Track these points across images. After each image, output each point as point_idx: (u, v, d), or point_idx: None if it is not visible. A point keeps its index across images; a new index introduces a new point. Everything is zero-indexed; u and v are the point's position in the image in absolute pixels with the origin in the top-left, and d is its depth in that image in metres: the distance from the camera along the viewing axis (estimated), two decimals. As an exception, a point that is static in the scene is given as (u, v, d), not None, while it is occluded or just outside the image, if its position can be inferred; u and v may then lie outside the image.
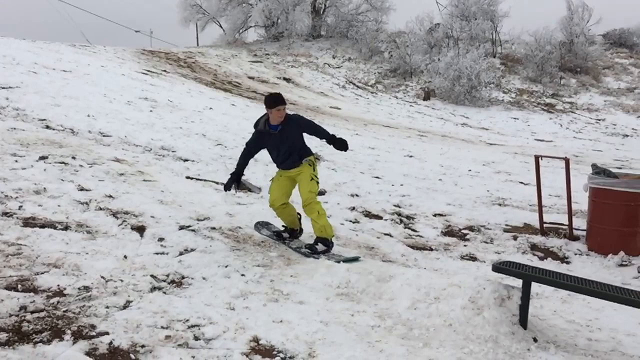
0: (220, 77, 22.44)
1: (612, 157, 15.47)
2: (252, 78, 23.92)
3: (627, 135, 21.50)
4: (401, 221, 6.60)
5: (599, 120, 23.60)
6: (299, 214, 5.23)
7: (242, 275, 4.12)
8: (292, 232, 5.21)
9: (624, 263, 5.63)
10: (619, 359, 3.48)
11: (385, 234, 6.07)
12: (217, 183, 6.81)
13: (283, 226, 5.22)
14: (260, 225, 5.36)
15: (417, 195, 8.04)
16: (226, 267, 4.20)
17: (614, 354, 3.55)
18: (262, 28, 33.20)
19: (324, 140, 4.99)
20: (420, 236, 6.21)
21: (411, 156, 11.90)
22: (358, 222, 6.37)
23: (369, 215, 6.70)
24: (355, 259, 4.79)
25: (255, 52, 29.50)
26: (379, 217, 6.65)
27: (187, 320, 3.30)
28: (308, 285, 4.13)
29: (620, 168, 12.49)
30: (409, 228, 6.42)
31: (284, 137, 4.89)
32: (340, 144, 4.97)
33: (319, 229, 4.88)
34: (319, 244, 4.87)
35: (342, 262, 4.57)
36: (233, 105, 15.72)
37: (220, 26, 34.61)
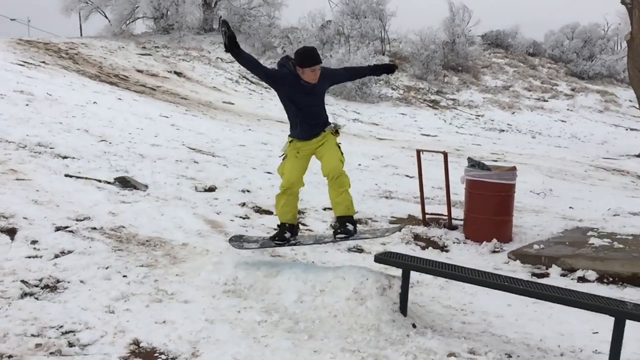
0: (106, 70, 21.39)
1: (490, 150, 16.54)
2: (140, 71, 23.02)
3: (503, 130, 23.09)
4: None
5: (479, 116, 25.15)
6: None
7: (124, 276, 3.97)
8: (293, 230, 4.52)
9: (496, 250, 6.07)
10: (489, 339, 3.74)
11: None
12: (100, 181, 6.50)
13: (278, 226, 4.53)
14: (238, 242, 4.61)
15: (309, 190, 8.07)
16: (107, 268, 4.03)
17: (484, 335, 3.81)
18: (150, 20, 31.99)
19: (370, 75, 4.50)
20: (310, 230, 6.30)
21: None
22: (248, 217, 6.35)
23: (259, 210, 6.69)
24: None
25: (143, 44, 28.39)
26: (269, 213, 6.66)
27: (61, 327, 3.13)
28: (194, 284, 4.06)
29: (496, 161, 13.39)
30: (300, 223, 6.46)
31: (313, 93, 4.22)
32: (389, 68, 4.51)
33: (347, 206, 4.27)
34: (347, 224, 4.25)
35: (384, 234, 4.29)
36: (119, 99, 15.04)
37: (106, 16, 32.91)
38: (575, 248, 5.69)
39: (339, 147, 4.38)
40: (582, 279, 5.12)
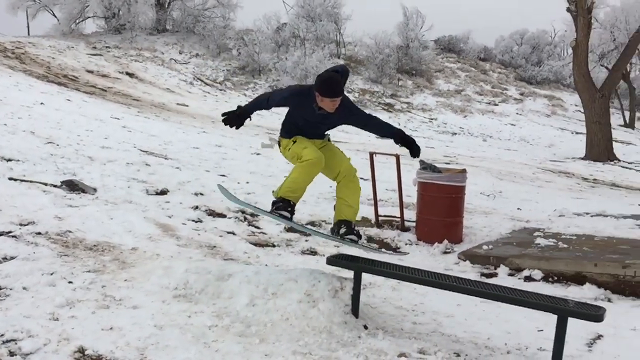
0: (54, 70, 20.80)
1: (443, 153, 16.86)
2: (90, 72, 22.48)
3: (455, 133, 23.58)
4: (245, 219, 6.62)
5: (432, 119, 25.61)
6: None
7: (70, 282, 3.85)
8: (293, 210, 4.21)
9: (447, 250, 6.18)
10: (439, 338, 3.80)
11: (229, 232, 6.05)
12: (46, 184, 6.30)
13: (279, 201, 4.13)
14: (226, 191, 4.34)
15: (263, 193, 8.09)
16: (51, 274, 3.90)
17: (434, 335, 3.87)
18: (101, 19, 31.26)
19: (388, 137, 4.12)
20: (264, 233, 6.28)
21: (258, 154, 11.95)
22: (201, 221, 6.27)
23: (212, 213, 6.62)
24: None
25: (94, 44, 27.74)
26: (222, 216, 6.60)
27: (2, 335, 3.01)
28: (144, 289, 3.98)
29: (448, 163, 13.65)
30: (253, 225, 6.46)
31: (322, 120, 4.09)
32: (415, 149, 4.17)
33: (356, 211, 4.19)
34: (354, 228, 4.16)
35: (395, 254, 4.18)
36: (68, 100, 14.64)
37: (54, 15, 32.01)
38: (522, 248, 5.84)
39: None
40: (528, 278, 5.26)
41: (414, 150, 4.20)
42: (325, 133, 4.33)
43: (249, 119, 4.26)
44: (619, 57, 21.61)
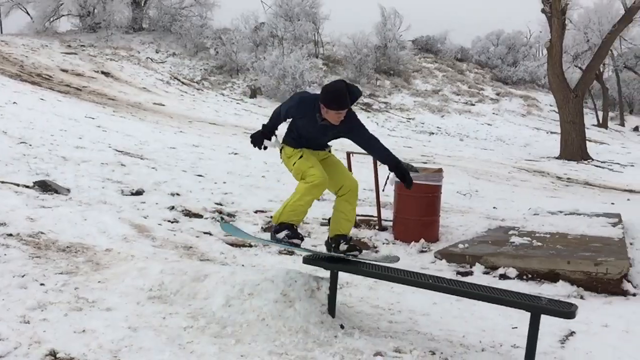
0: (28, 69, 20.44)
1: (420, 152, 16.96)
2: (65, 71, 22.13)
3: (432, 133, 23.73)
4: (222, 219, 6.58)
5: (410, 119, 25.73)
6: None
7: (42, 284, 3.79)
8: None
9: (423, 249, 6.22)
10: (414, 337, 3.82)
11: (205, 233, 6.02)
12: (18, 185, 6.19)
13: (280, 226, 4.03)
14: (238, 230, 4.21)
15: (240, 193, 8.07)
16: (23, 276, 3.84)
17: (410, 333, 3.89)
18: (76, 17, 30.76)
19: (383, 163, 4.06)
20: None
21: (236, 154, 11.90)
22: (177, 221, 6.23)
23: (189, 214, 6.58)
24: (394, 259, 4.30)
25: (69, 42, 27.31)
26: (199, 216, 6.56)
27: (-29, 339, 2.95)
28: (118, 291, 3.93)
29: (425, 163, 13.75)
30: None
31: (324, 132, 4.02)
32: (408, 180, 4.08)
33: (352, 224, 4.24)
34: (351, 242, 4.16)
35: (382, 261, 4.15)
36: (42, 99, 14.41)
37: (28, 13, 31.42)
38: (498, 247, 5.90)
39: None
40: (503, 276, 5.31)
41: (407, 182, 4.13)
42: (328, 144, 4.27)
43: (274, 135, 4.21)
44: (592, 57, 21.93)
